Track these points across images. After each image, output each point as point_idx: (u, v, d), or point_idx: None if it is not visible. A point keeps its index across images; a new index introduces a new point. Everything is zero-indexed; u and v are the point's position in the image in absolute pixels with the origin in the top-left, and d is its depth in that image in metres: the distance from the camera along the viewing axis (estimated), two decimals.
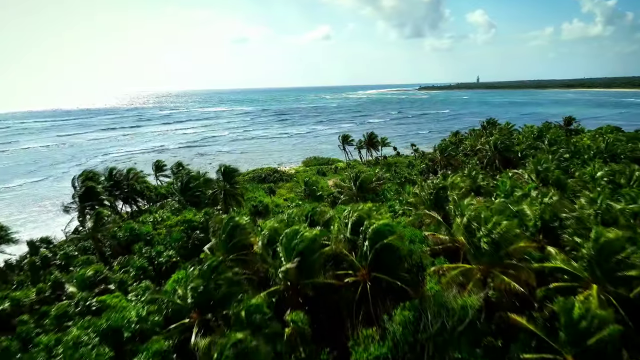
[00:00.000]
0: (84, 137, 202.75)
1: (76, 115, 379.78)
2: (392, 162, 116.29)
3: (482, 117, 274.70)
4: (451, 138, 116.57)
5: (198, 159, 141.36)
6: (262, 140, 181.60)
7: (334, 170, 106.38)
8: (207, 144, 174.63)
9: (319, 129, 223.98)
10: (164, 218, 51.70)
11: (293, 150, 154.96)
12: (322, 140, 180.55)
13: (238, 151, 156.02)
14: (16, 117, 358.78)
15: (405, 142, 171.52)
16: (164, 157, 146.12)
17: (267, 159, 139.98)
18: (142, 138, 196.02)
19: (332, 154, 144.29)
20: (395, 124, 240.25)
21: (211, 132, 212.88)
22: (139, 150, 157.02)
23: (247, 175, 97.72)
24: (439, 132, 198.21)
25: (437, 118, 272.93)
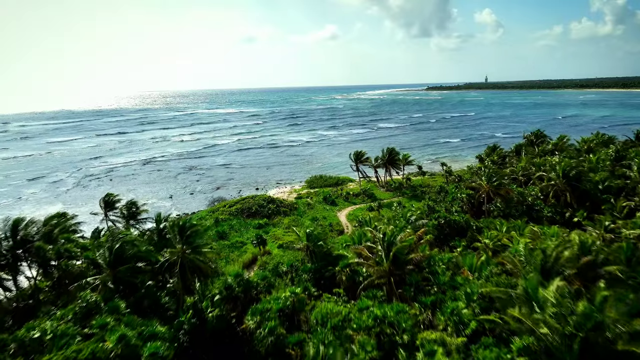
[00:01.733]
0: (74, 144, 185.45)
1: (79, 117, 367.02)
2: (417, 184, 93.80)
3: (511, 122, 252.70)
4: (492, 156, 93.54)
5: (185, 174, 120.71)
6: (266, 151, 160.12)
7: (345, 198, 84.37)
8: (204, 154, 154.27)
9: (331, 135, 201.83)
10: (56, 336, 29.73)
11: (299, 163, 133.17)
12: (334, 152, 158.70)
13: (235, 164, 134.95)
14: (19, 119, 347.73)
15: (427, 154, 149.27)
16: (146, 170, 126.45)
17: (266, 175, 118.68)
18: (135, 146, 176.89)
19: (345, 168, 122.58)
20: (413, 130, 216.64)
21: (214, 139, 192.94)
22: (123, 163, 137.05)
23: (234, 206, 76.24)
24: (465, 139, 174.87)
25: (459, 122, 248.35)
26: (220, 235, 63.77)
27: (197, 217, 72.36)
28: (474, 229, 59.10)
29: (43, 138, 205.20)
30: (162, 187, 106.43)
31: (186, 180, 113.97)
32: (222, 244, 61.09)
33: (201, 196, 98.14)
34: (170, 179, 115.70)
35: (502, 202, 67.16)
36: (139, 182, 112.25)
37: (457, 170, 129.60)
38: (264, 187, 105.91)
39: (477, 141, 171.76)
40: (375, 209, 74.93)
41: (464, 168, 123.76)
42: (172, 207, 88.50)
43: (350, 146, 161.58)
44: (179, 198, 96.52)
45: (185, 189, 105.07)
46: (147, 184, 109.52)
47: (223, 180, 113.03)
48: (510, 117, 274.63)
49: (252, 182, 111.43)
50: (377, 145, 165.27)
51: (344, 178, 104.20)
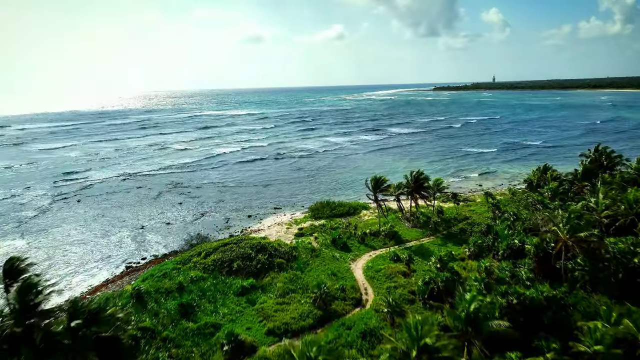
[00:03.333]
0: (63, 152, 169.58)
1: (81, 119, 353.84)
2: (451, 217, 73.22)
3: (542, 127, 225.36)
4: (550, 183, 72.04)
5: (168, 193, 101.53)
6: (271, 163, 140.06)
7: (360, 239, 64.10)
8: (199, 167, 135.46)
9: (344, 143, 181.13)
10: None
11: (305, 181, 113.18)
12: (346, 167, 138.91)
13: (231, 180, 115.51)
14: (21, 121, 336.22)
15: (454, 167, 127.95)
16: (125, 187, 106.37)
17: (264, 196, 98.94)
18: (126, 156, 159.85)
19: (358, 188, 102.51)
20: (435, 137, 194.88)
21: (217, 146, 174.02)
22: (103, 178, 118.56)
23: (211, 255, 56.42)
24: (497, 149, 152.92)
25: (486, 127, 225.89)
26: (185, 310, 44.21)
27: (159, 274, 52.97)
28: (565, 314, 39.09)
29: (34, 144, 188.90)
30: (135, 212, 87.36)
31: (167, 202, 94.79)
32: (185, 329, 41.49)
33: (179, 227, 78.71)
34: (150, 200, 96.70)
35: (586, 259, 46.86)
36: (111, 204, 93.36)
37: (490, 188, 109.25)
38: (258, 214, 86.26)
39: (511, 152, 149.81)
40: (404, 261, 54.85)
41: (503, 189, 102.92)
42: (138, 249, 69.15)
43: (365, 159, 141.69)
44: (151, 230, 77.23)
45: (162, 215, 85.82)
46: (119, 208, 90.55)
47: (211, 203, 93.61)
48: (539, 121, 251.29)
49: (246, 206, 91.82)
50: (396, 156, 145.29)
51: (356, 205, 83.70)
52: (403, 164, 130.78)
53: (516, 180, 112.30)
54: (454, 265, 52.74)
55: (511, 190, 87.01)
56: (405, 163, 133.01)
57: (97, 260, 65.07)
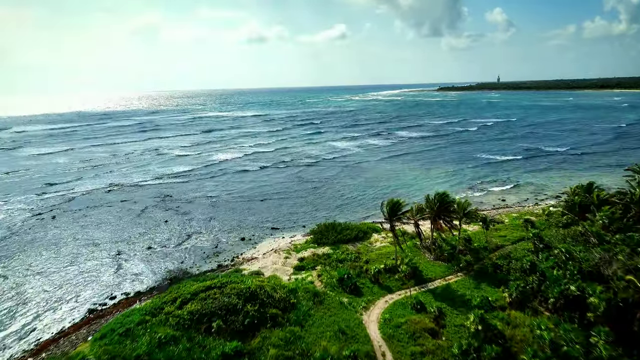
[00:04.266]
0: (55, 158, 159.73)
1: (83, 120, 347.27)
2: (480, 246, 61.44)
3: (563, 130, 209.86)
4: (603, 210, 59.68)
5: (154, 209, 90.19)
6: (274, 173, 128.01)
7: (373, 277, 52.42)
8: (194, 176, 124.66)
9: (352, 149, 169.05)
10: None
11: (309, 196, 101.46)
12: (356, 178, 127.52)
13: (225, 195, 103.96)
14: (23, 122, 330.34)
15: (472, 176, 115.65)
16: (108, 201, 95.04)
17: (261, 212, 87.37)
18: (119, 164, 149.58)
19: (368, 204, 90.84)
20: (447, 142, 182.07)
21: (219, 152, 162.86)
22: (87, 190, 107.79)
23: (187, 305, 44.89)
24: (519, 156, 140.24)
25: (503, 131, 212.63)
26: None
27: (120, 330, 41.68)
28: None
29: (27, 149, 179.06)
30: (114, 233, 76.27)
31: (152, 219, 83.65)
32: None
33: (160, 254, 67.37)
34: (133, 216, 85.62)
35: None
36: (89, 222, 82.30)
37: (515, 204, 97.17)
38: (254, 236, 74.87)
39: (533, 160, 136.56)
40: (432, 315, 43.27)
41: (532, 207, 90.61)
42: (109, 284, 57.87)
43: (375, 168, 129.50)
44: (128, 257, 65.98)
45: (143, 236, 74.64)
46: (97, 227, 79.50)
47: (201, 221, 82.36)
48: (557, 123, 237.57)
49: (240, 224, 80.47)
50: (409, 164, 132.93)
51: (366, 228, 71.77)
52: (416, 173, 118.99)
53: (542, 194, 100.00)
54: (496, 322, 41.08)
55: (545, 210, 74.82)
56: (418, 172, 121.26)
57: (57, 300, 54.04)
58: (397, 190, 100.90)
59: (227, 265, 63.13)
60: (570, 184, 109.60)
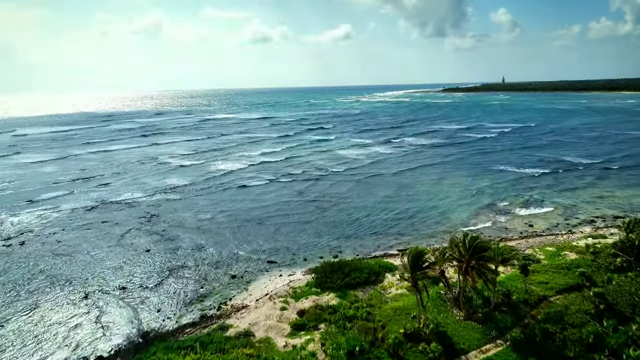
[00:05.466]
0: (43, 167, 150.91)
1: (86, 122, 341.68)
2: (519, 299, 50.29)
3: (587, 138, 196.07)
4: None
5: (137, 232, 79.41)
6: (279, 189, 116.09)
7: (391, 349, 40.94)
8: (189, 192, 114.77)
9: (365, 159, 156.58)
10: None
11: (315, 220, 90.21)
12: (369, 198, 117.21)
13: (220, 216, 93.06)
14: (27, 124, 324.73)
15: (486, 195, 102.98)
16: (86, 222, 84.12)
17: (258, 239, 76.64)
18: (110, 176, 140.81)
19: (383, 228, 79.97)
20: (465, 152, 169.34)
21: (224, 161, 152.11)
22: (69, 207, 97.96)
23: None
24: (544, 172, 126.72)
25: (520, 140, 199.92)
26: None
27: None
28: None
29: (18, 157, 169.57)
30: (85, 267, 65.76)
31: (132, 248, 73.27)
32: None
33: (134, 298, 56.48)
34: (111, 243, 75.23)
35: None
36: (60, 251, 71.81)
37: (545, 231, 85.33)
38: (247, 271, 64.15)
39: (563, 175, 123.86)
40: None
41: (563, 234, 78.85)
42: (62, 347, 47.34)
43: (388, 184, 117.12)
44: (94, 303, 55.29)
45: (119, 272, 64.06)
46: (69, 257, 69.06)
47: (187, 252, 71.80)
48: (579, 129, 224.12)
49: (231, 255, 69.80)
50: (425, 177, 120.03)
51: (378, 268, 60.19)
52: (432, 191, 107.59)
53: (573, 217, 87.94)
54: None
55: (590, 248, 63.41)
56: (435, 189, 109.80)
57: None
58: (416, 215, 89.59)
59: (212, 316, 52.42)
60: (603, 204, 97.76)
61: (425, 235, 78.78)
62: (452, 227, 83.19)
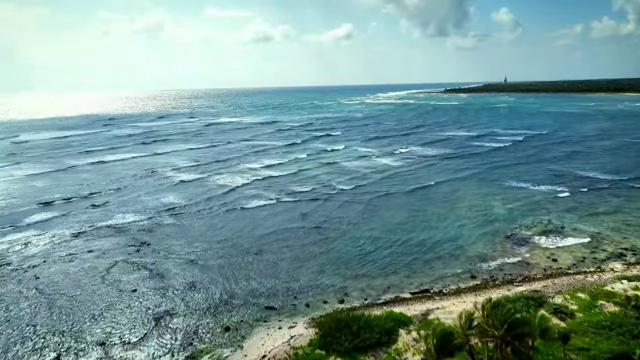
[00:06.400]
0: (36, 180, 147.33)
1: (90, 125, 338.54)
2: None
3: (603, 150, 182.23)
4: None
5: (121, 269, 71.76)
6: (282, 212, 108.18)
7: None
8: (186, 213, 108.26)
9: (373, 175, 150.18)
10: None
11: (319, 253, 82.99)
12: (378, 225, 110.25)
13: (217, 244, 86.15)
14: (32, 128, 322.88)
15: (500, 219, 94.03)
16: (72, 251, 75.27)
17: (252, 280, 69.78)
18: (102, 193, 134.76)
19: (396, 264, 72.79)
20: (479, 165, 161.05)
21: (225, 175, 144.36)
22: (53, 234, 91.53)
23: None
24: (561, 190, 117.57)
25: (535, 151, 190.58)
26: None
27: None
28: None
29: (13, 169, 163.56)
30: (61, 316, 58.51)
31: (115, 289, 66.17)
32: None
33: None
34: (93, 283, 68.30)
35: None
36: (35, 291, 64.67)
37: (571, 267, 77.61)
38: (242, 321, 56.78)
39: (583, 195, 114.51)
40: None
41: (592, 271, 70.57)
42: None
43: (402, 208, 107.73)
44: None
45: (97, 323, 56.78)
46: (46, 299, 61.89)
47: (177, 293, 64.73)
48: (595, 138, 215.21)
49: (226, 299, 62.59)
50: (442, 198, 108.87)
51: (391, 323, 52.64)
52: (448, 216, 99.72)
53: (600, 249, 79.85)
54: None
55: (631, 300, 55.77)
56: (451, 214, 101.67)
57: None
58: (428, 246, 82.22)
59: None
60: (630, 232, 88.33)
61: (440, 273, 71.48)
62: (468, 261, 75.93)
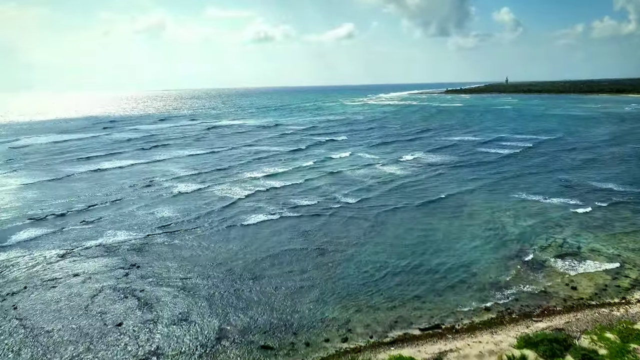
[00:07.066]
0: (27, 191, 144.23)
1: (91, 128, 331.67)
2: None
3: (617, 158, 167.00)
4: None
5: (108, 296, 66.22)
6: (280, 232, 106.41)
7: None
8: (183, 230, 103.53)
9: (379, 187, 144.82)
10: None
11: (320, 273, 78.18)
12: (379, 240, 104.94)
13: (208, 270, 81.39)
14: (36, 131, 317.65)
15: (513, 238, 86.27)
16: (56, 275, 66.97)
17: (243, 320, 64.25)
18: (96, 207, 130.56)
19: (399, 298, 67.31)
20: (489, 174, 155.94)
21: (226, 187, 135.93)
22: (31, 256, 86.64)
23: None
24: (575, 203, 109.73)
25: (545, 160, 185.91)
26: None
27: None
28: None
29: (6, 178, 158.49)
30: (35, 356, 54.31)
31: (99, 321, 60.83)
32: None
33: None
34: (75, 314, 62.97)
35: None
36: (11, 325, 59.06)
37: (594, 296, 71.79)
38: None
39: (605, 210, 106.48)
40: None
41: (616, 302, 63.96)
42: None
43: (411, 227, 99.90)
44: None
45: None
46: (22, 334, 56.65)
47: (165, 328, 59.35)
48: (606, 145, 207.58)
49: (217, 337, 57.17)
50: (452, 213, 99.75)
51: None
52: (460, 236, 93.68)
53: (622, 275, 72.44)
54: None
55: None
56: (458, 228, 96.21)
57: None
58: (438, 271, 76.30)
59: None
60: None
61: (451, 305, 65.73)
62: (481, 290, 70.16)
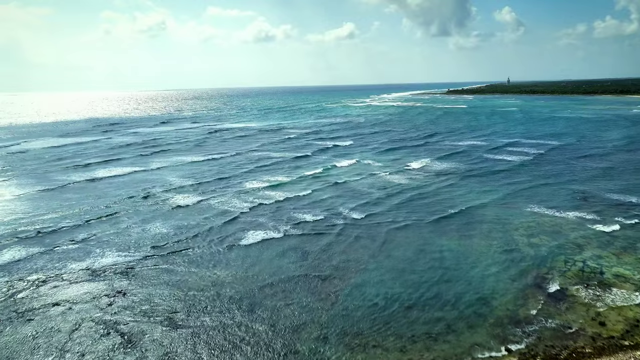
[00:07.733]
0: (16, 204, 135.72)
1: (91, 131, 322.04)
2: None
3: (631, 168, 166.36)
4: None
5: (82, 343, 59.46)
6: (281, 255, 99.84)
7: None
8: (177, 254, 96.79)
9: (387, 200, 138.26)
10: None
11: (322, 304, 71.51)
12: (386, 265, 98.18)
13: (198, 304, 74.36)
14: (37, 134, 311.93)
15: (529, 262, 78.00)
16: (29, 315, 58.18)
17: (238, 355, 58.17)
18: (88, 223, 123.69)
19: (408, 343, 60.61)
20: (501, 186, 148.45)
21: (227, 197, 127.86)
22: (14, 284, 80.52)
23: None
24: (595, 219, 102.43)
25: (557, 169, 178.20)
26: None
27: None
28: None
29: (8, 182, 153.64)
30: None
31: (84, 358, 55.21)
32: None
33: None
34: (58, 351, 57.50)
35: None
36: None
37: (625, 335, 64.70)
38: None
39: (626, 227, 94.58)
40: None
41: None
42: None
43: (419, 250, 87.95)
44: None
45: None
46: None
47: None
48: (622, 152, 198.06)
49: None
50: (463, 234, 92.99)
51: None
52: (469, 252, 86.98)
53: None
54: None
55: None
56: (470, 248, 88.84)
57: None
58: (450, 300, 68.85)
59: None
60: None
61: (466, 344, 58.78)
62: (499, 325, 62.93)
